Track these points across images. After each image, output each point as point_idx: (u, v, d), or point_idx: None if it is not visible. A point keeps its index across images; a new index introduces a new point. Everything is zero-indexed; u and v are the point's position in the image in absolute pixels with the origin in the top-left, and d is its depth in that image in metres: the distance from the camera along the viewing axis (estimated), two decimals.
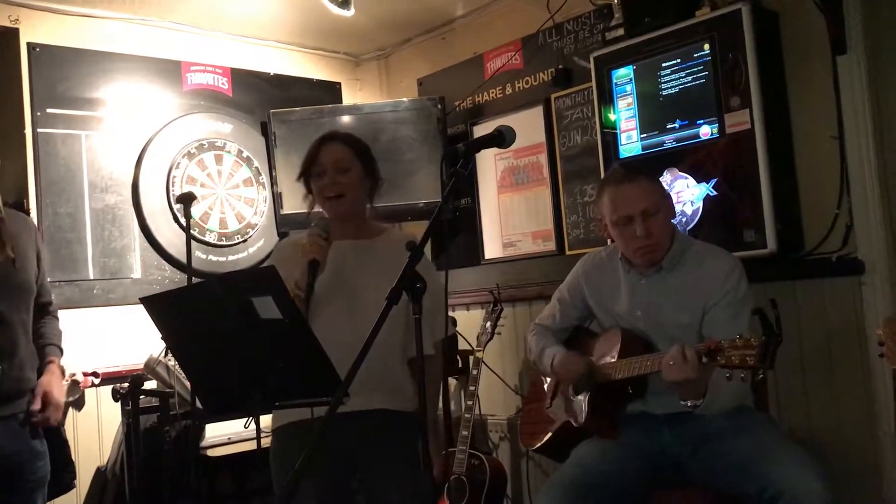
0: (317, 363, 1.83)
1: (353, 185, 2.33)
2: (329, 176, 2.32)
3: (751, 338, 1.93)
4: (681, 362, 2.02)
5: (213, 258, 4.11)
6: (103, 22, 3.91)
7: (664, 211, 2.38)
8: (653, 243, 2.35)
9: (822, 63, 2.91)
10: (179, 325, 2.00)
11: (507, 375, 3.95)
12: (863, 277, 2.82)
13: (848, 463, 2.82)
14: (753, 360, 1.90)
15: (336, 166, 2.32)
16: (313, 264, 2.13)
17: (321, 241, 2.17)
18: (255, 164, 4.29)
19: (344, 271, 2.29)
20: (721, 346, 1.98)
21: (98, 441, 3.64)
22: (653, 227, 2.34)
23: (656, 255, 2.38)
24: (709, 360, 1.99)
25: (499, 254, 4.19)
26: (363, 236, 2.38)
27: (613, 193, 2.40)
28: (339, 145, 2.36)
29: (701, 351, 2.01)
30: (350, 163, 2.34)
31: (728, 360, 1.95)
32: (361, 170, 2.36)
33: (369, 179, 2.39)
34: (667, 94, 3.12)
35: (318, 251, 2.15)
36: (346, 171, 2.32)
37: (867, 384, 2.81)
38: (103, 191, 3.83)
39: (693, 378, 2.03)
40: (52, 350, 2.63)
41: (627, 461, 2.30)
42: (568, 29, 3.84)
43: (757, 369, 1.94)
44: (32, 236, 2.54)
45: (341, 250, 2.30)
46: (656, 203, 2.35)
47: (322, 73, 4.75)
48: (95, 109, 3.84)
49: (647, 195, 2.36)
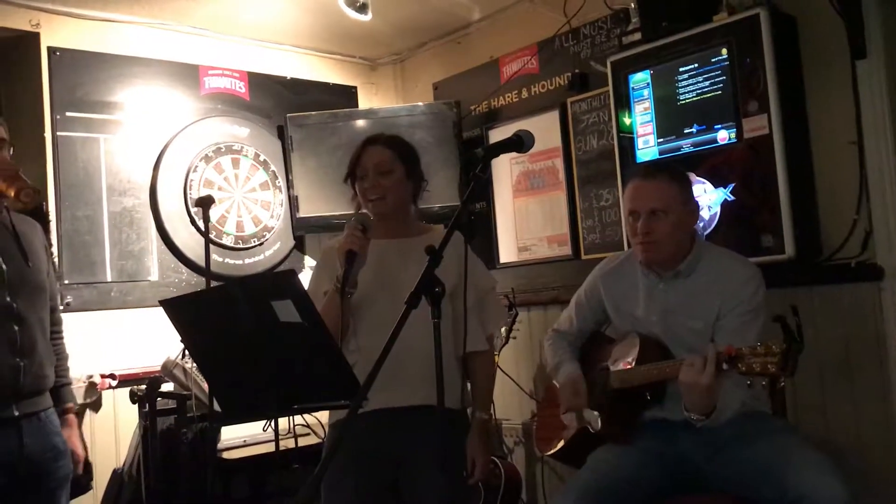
0: (335, 367, 1.84)
1: (395, 187, 2.36)
2: (371, 178, 2.35)
3: (772, 344, 1.91)
4: (699, 365, 2.01)
5: (230, 261, 4.13)
6: (122, 26, 3.95)
7: (676, 215, 2.35)
8: (651, 241, 2.34)
9: (841, 68, 2.90)
10: (199, 328, 2.01)
11: (523, 380, 3.94)
12: (882, 283, 2.80)
13: (867, 469, 2.80)
14: (775, 367, 1.88)
15: (377, 168, 2.34)
16: (350, 255, 2.14)
17: (359, 233, 2.17)
18: (271, 167, 4.31)
19: (387, 270, 2.31)
20: (742, 353, 1.96)
21: (115, 443, 3.66)
22: (656, 227, 2.33)
23: (653, 255, 2.37)
24: (729, 367, 1.97)
25: (514, 258, 4.19)
26: (407, 235, 2.40)
27: (631, 187, 2.44)
28: (382, 147, 2.38)
29: (722, 356, 1.99)
30: (392, 165, 2.36)
31: (749, 367, 1.93)
32: (403, 172, 2.38)
33: (412, 181, 2.41)
34: (684, 98, 3.11)
35: (356, 242, 2.15)
36: (388, 173, 2.35)
37: (886, 390, 2.79)
38: (121, 194, 3.86)
39: (705, 384, 2.00)
40: (67, 394, 2.62)
41: (645, 467, 2.29)
42: (584, 33, 3.84)
43: (778, 377, 1.92)
44: (40, 237, 2.57)
45: (384, 249, 2.32)
46: (667, 205, 2.34)
47: (338, 77, 4.77)
48: (114, 113, 3.87)
49: (660, 195, 2.35)
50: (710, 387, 2.01)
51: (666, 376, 2.23)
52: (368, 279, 2.24)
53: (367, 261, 2.20)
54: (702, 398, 2.05)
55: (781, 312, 1.94)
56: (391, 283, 2.26)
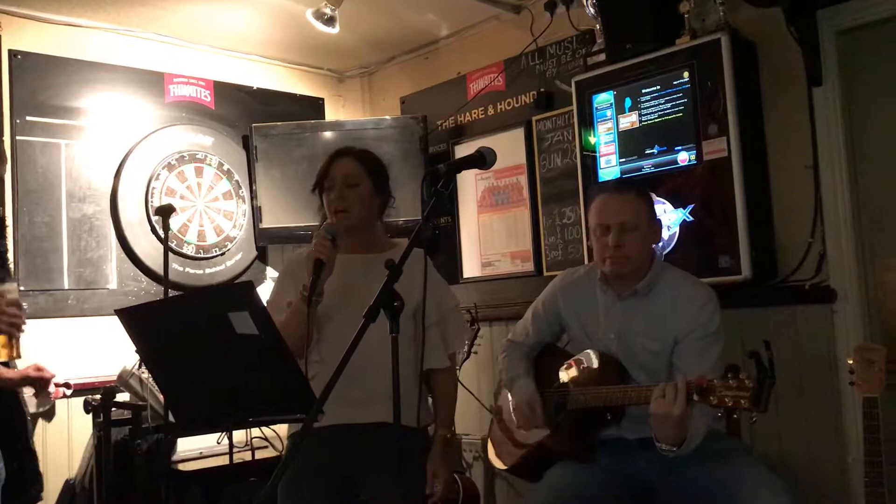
0: (292, 380, 1.83)
1: (361, 200, 2.36)
2: (338, 190, 2.35)
3: (745, 379, 1.90)
4: (671, 395, 2.00)
5: (191, 271, 4.09)
6: (87, 31, 3.91)
7: (643, 231, 2.38)
8: (622, 256, 2.36)
9: (798, 94, 2.97)
10: (154, 338, 1.99)
11: (483, 395, 3.94)
12: (835, 305, 2.86)
13: (818, 489, 2.85)
14: (747, 402, 1.88)
15: (345, 181, 2.35)
16: (318, 264, 2.14)
17: (328, 243, 2.18)
18: (235, 177, 4.29)
19: (351, 285, 2.31)
20: (714, 385, 1.95)
21: (68, 453, 3.59)
22: (626, 242, 2.35)
23: (623, 269, 2.38)
24: (700, 399, 1.97)
25: (477, 273, 4.20)
26: (372, 250, 2.39)
27: (599, 202, 2.44)
28: (351, 160, 2.39)
29: (692, 387, 1.98)
30: (359, 178, 2.36)
31: (720, 400, 1.93)
32: (371, 186, 2.38)
33: (379, 196, 2.42)
34: (646, 119, 3.16)
35: (324, 251, 2.15)
36: (355, 186, 2.35)
37: (838, 411, 2.84)
38: (81, 200, 3.81)
39: (677, 416, 1.99)
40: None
41: (601, 485, 2.30)
42: (550, 52, 3.89)
43: (751, 411, 1.91)
44: None
45: (350, 264, 2.32)
46: (637, 220, 2.37)
47: (305, 88, 4.76)
48: (76, 118, 3.83)
49: (630, 210, 2.37)
50: (681, 417, 2.00)
51: (630, 402, 2.24)
52: (332, 292, 2.24)
53: (333, 273, 2.20)
54: (674, 429, 2.04)
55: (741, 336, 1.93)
56: (354, 297, 2.26)
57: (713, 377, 1.97)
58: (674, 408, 1.99)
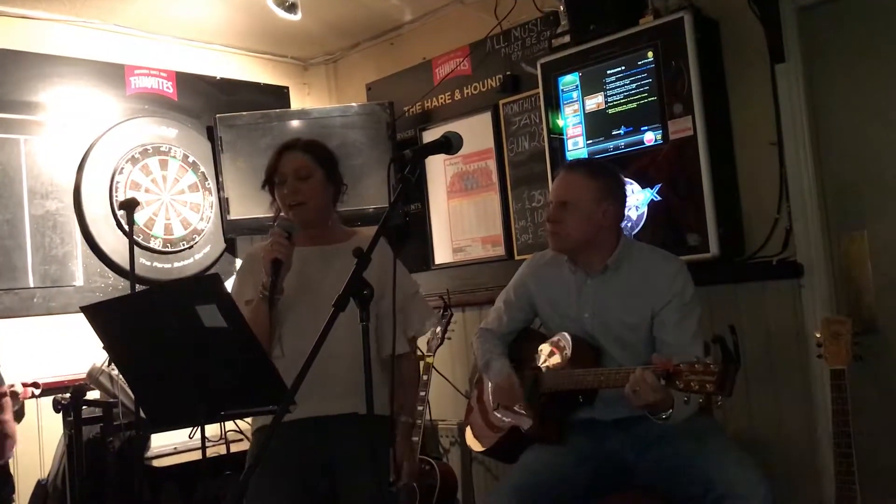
0: (262, 372, 1.82)
1: (315, 191, 2.34)
2: (290, 184, 2.33)
3: (710, 363, 1.92)
4: (644, 387, 2.02)
5: (159, 265, 4.04)
6: (44, 24, 3.83)
7: (584, 210, 2.38)
8: (554, 231, 2.41)
9: (761, 71, 2.98)
10: (122, 334, 1.97)
11: (458, 381, 3.95)
12: (802, 280, 2.89)
13: (789, 462, 2.89)
14: (713, 386, 1.90)
15: (297, 174, 2.33)
16: (276, 263, 2.13)
17: (283, 241, 2.16)
18: (201, 169, 4.24)
19: (309, 277, 2.29)
20: (679, 370, 1.96)
21: (39, 453, 3.54)
22: (562, 217, 2.39)
23: (557, 245, 2.44)
24: (667, 383, 1.99)
25: (449, 259, 4.20)
26: (329, 241, 2.39)
27: (555, 178, 2.51)
28: (300, 153, 2.36)
29: (658, 373, 2.00)
30: (310, 170, 2.34)
31: (686, 385, 1.95)
32: (323, 175, 2.36)
33: (332, 185, 2.40)
34: (612, 100, 3.16)
35: (280, 250, 2.15)
36: (307, 178, 2.33)
37: (807, 385, 2.88)
38: (44, 197, 3.74)
39: (653, 401, 2.03)
40: None
41: (575, 466, 2.31)
42: (515, 35, 3.87)
43: (716, 395, 1.94)
44: None
45: (307, 256, 2.31)
46: (577, 198, 2.38)
47: (269, 77, 4.71)
48: (35, 113, 3.75)
49: (572, 188, 2.40)
50: (659, 398, 2.03)
51: (601, 385, 2.26)
52: (290, 286, 2.22)
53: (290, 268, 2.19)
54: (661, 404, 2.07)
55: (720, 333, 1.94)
56: (313, 289, 2.25)
57: (679, 362, 1.98)
58: (650, 396, 2.02)
